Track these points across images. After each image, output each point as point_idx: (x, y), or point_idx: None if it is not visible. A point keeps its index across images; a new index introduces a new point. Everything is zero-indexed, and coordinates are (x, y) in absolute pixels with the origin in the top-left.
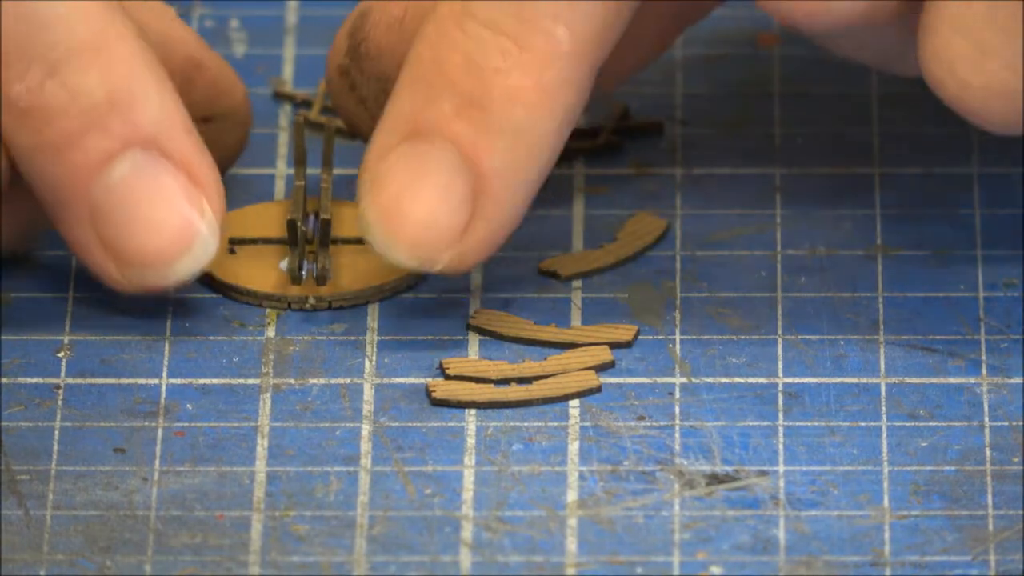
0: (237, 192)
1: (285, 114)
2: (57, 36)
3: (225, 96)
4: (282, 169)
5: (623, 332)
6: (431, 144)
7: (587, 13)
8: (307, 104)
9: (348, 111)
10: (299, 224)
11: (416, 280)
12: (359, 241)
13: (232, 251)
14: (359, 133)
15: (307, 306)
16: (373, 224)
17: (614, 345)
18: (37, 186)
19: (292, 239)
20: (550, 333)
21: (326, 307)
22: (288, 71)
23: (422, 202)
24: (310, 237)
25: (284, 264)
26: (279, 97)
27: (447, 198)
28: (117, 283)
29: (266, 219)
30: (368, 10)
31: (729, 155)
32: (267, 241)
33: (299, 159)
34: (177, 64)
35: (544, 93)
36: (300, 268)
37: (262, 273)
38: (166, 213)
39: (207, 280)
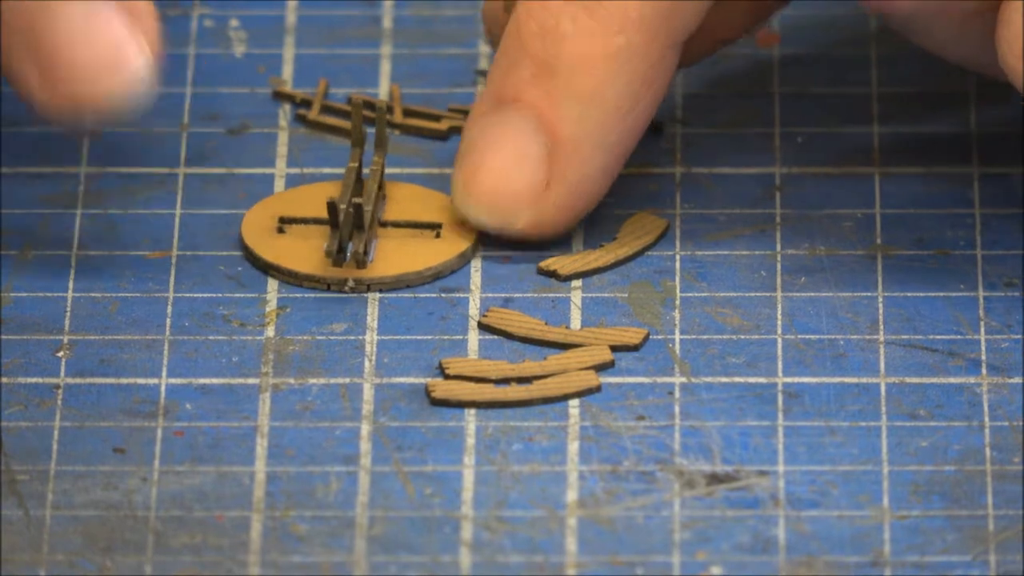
0: (237, 191)
1: (285, 114)
2: None
3: None
4: (282, 168)
5: (632, 335)
6: (511, 110)
7: None
8: (307, 104)
9: None
10: (339, 206)
11: (459, 265)
12: (409, 225)
13: (281, 230)
14: None
15: (346, 288)
16: (457, 187)
17: (622, 348)
18: None
19: (333, 220)
20: (559, 334)
21: (365, 290)
22: (288, 71)
23: (498, 163)
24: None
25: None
26: (279, 97)
27: (522, 160)
28: (48, 104)
29: (320, 199)
30: None
31: (729, 155)
32: (316, 221)
33: (355, 141)
34: None
35: (610, 60)
36: (341, 250)
37: (307, 254)
38: (101, 29)
39: (251, 258)
